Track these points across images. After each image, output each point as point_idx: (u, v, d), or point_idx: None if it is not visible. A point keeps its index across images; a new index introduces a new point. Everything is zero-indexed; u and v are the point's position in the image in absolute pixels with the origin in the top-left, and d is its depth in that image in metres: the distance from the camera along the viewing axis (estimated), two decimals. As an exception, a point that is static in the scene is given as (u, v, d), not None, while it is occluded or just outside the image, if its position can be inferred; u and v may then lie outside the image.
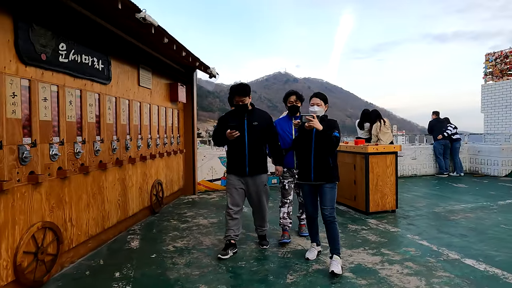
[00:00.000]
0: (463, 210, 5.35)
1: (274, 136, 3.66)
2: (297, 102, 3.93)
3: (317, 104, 3.25)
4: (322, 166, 3.14)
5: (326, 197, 3.16)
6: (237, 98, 3.43)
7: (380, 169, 5.15)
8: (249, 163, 3.48)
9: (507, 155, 8.77)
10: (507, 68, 9.26)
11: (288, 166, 3.92)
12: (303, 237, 4.10)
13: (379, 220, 4.82)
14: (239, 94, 3.42)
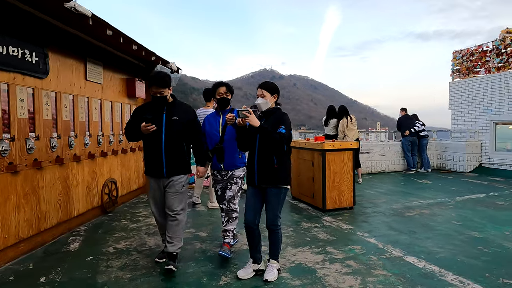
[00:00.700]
0: (420, 206, 5.37)
1: (196, 133, 3.20)
2: (227, 95, 3.43)
3: (261, 96, 2.83)
4: (266, 167, 2.78)
5: (269, 203, 2.84)
6: (154, 89, 2.96)
7: (337, 166, 5.10)
8: (167, 163, 3.03)
9: (472, 151, 8.91)
10: (473, 66, 9.39)
11: (216, 168, 3.43)
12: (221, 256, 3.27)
13: (335, 218, 4.77)
14: (157, 85, 2.95)
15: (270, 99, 2.85)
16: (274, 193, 2.82)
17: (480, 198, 5.94)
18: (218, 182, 3.49)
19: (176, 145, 3.06)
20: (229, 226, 3.47)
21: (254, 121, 2.62)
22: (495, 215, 4.81)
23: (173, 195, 3.09)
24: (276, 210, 2.85)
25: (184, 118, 3.10)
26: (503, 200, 5.78)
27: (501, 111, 8.59)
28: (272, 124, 2.72)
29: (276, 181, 2.79)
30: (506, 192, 6.41)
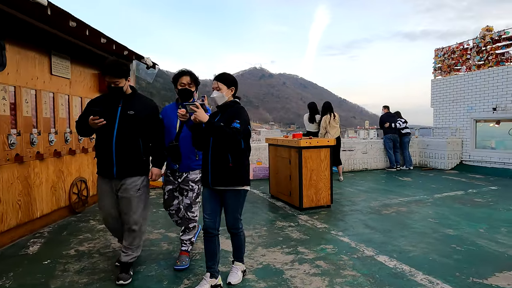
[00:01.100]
0: (398, 204, 5.31)
1: (155, 130, 2.87)
2: (191, 86, 3.03)
3: (216, 89, 2.57)
4: (220, 167, 2.50)
5: (228, 206, 2.61)
6: (108, 79, 2.64)
7: (314, 163, 5.00)
8: (118, 162, 2.69)
9: (452, 148, 8.95)
10: (454, 63, 9.43)
11: (171, 168, 3.09)
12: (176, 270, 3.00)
13: (311, 216, 4.67)
14: (111, 74, 2.62)
15: (227, 92, 2.60)
16: (232, 196, 2.58)
17: (458, 195, 5.92)
18: (168, 183, 3.13)
19: (130, 143, 2.72)
20: (185, 236, 3.20)
21: (202, 116, 2.34)
22: (471, 212, 4.77)
23: (126, 200, 2.74)
24: (236, 213, 2.64)
25: (142, 113, 2.77)
26: (480, 197, 5.77)
27: (481, 108, 8.64)
28: (227, 119, 2.48)
29: (232, 182, 2.52)
30: (484, 189, 6.42)
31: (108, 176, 2.74)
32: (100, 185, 2.81)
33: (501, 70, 8.08)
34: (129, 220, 2.77)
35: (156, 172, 2.91)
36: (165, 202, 3.20)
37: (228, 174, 2.50)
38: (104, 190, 2.79)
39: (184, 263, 3.04)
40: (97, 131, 2.73)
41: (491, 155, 8.32)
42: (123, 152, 2.71)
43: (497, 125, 8.53)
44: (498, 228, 4.07)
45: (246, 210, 5.00)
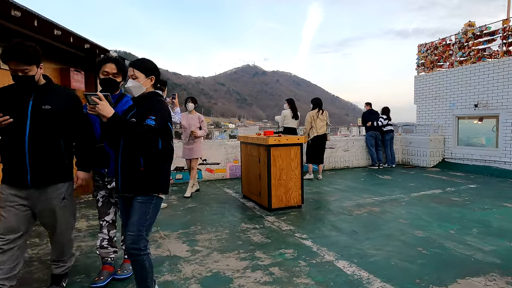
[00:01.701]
0: (372, 204, 5.13)
1: (77, 128, 2.45)
2: (117, 76, 2.61)
3: (132, 77, 2.16)
4: (130, 171, 2.11)
5: (132, 215, 2.11)
6: (13, 66, 2.14)
7: (283, 162, 4.79)
8: (32, 168, 2.23)
9: (434, 146, 8.82)
10: (437, 60, 9.28)
11: (99, 172, 2.71)
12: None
13: (278, 218, 4.47)
14: (15, 59, 2.11)
15: (145, 81, 2.18)
16: (139, 203, 2.11)
17: (436, 194, 5.77)
18: (100, 189, 2.73)
19: (47, 143, 2.28)
20: None
21: (104, 110, 1.94)
22: (445, 212, 4.61)
23: (49, 212, 2.33)
24: (139, 226, 2.08)
25: (60, 107, 2.32)
26: (458, 195, 5.62)
27: (462, 105, 8.51)
28: (142, 113, 2.09)
29: (141, 189, 2.11)
30: (462, 188, 6.28)
31: (20, 185, 2.25)
32: (7, 195, 2.25)
33: (482, 66, 7.95)
34: (56, 232, 2.41)
35: (83, 177, 2.50)
36: (100, 210, 2.78)
37: (138, 179, 2.10)
38: (11, 202, 2.24)
39: (126, 272, 2.80)
40: (2, 131, 2.23)
41: (473, 152, 8.20)
42: (39, 155, 2.25)
43: (479, 122, 8.41)
44: (469, 229, 3.91)
45: (213, 211, 4.80)
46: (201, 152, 5.84)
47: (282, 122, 7.10)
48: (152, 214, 2.15)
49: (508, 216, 4.42)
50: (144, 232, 2.10)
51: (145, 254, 2.09)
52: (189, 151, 5.71)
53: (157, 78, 2.26)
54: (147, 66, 2.20)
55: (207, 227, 4.11)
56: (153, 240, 3.67)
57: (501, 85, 7.54)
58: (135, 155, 2.10)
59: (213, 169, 7.46)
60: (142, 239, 2.08)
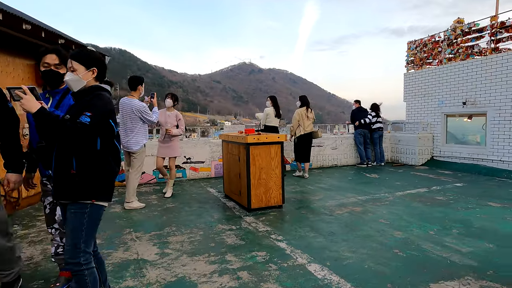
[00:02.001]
0: (355, 203, 5.03)
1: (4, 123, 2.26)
2: (60, 68, 2.39)
3: (70, 69, 1.93)
4: (62, 173, 1.89)
5: (67, 226, 1.91)
6: None
7: (263, 161, 4.68)
8: None
9: (423, 144, 8.75)
10: (426, 57, 9.20)
11: (44, 174, 2.51)
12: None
13: (257, 218, 4.36)
14: None
15: (85, 74, 1.94)
16: (71, 213, 1.89)
17: (420, 193, 5.68)
18: (46, 194, 2.56)
19: None
20: None
21: (28, 105, 1.73)
22: (427, 212, 4.52)
23: None
24: (75, 239, 1.86)
25: None
26: (442, 194, 5.54)
27: (451, 103, 8.44)
28: (79, 110, 1.86)
29: (74, 195, 1.87)
30: (448, 186, 6.21)
31: None
32: None
33: (470, 63, 7.87)
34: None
35: (15, 179, 2.28)
36: (47, 218, 2.60)
37: (70, 184, 1.87)
38: None
39: (58, 285, 2.56)
40: None
41: (461, 150, 8.14)
42: None
43: (469, 120, 8.34)
44: (449, 229, 3.82)
45: (191, 211, 4.68)
46: (178, 150, 5.69)
47: (264, 120, 6.94)
48: (89, 225, 1.90)
49: (490, 215, 4.35)
50: (82, 245, 1.87)
51: (86, 269, 1.88)
52: (165, 149, 5.54)
53: (101, 70, 2.02)
54: (88, 57, 1.97)
55: (182, 228, 3.99)
56: (123, 242, 3.54)
57: (489, 83, 7.47)
58: (68, 156, 1.87)
59: (198, 168, 7.33)
60: (80, 252, 1.86)
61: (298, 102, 7.26)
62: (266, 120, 6.95)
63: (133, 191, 4.95)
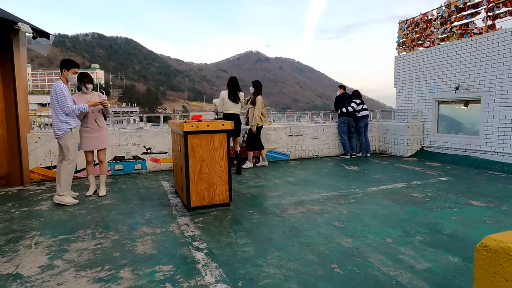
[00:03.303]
0: (316, 201, 4.39)
1: None
2: None
3: None
4: None
5: None
6: None
7: (205, 152, 4.04)
8: None
9: (412, 133, 8.01)
10: (418, 37, 8.37)
11: None
12: None
13: (193, 219, 3.74)
14: None
15: None
16: None
17: (396, 189, 5.01)
18: None
19: None
20: None
21: None
22: (394, 213, 3.86)
23: None
24: None
25: None
26: (421, 191, 4.86)
27: (443, 88, 7.65)
28: None
29: None
30: (431, 181, 5.51)
31: None
32: None
33: (464, 43, 7.06)
34: None
35: None
36: None
37: None
38: None
39: None
40: None
41: (452, 140, 7.40)
42: None
43: (464, 107, 7.57)
44: (412, 236, 3.17)
45: (125, 210, 4.10)
46: (108, 140, 4.93)
47: (221, 106, 6.12)
48: None
49: (468, 217, 3.67)
50: None
51: None
52: (92, 140, 4.67)
53: None
54: None
55: (98, 232, 3.39)
56: (13, 250, 2.96)
57: (484, 64, 6.67)
58: None
59: (160, 159, 6.73)
60: None
61: (252, 88, 6.50)
62: (223, 106, 6.11)
63: (65, 183, 4.37)
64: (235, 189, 5.08)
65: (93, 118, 4.66)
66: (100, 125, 4.74)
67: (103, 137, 4.78)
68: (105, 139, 4.83)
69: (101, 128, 4.76)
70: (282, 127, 7.78)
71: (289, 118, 9.90)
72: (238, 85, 6.09)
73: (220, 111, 6.06)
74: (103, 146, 4.80)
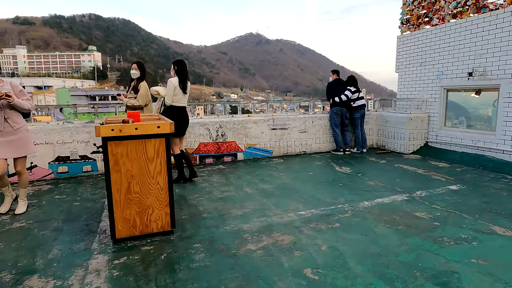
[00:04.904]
0: (289, 225, 3.34)
1: None
2: None
3: None
4: None
5: None
6: None
7: (134, 164, 2.96)
8: None
9: (415, 126, 6.90)
10: (425, 14, 7.15)
11: None
12: None
13: (114, 259, 2.71)
14: None
15: None
16: None
17: (396, 204, 3.96)
18: None
19: None
20: None
21: None
22: (391, 249, 2.82)
23: None
24: None
25: None
26: (426, 208, 3.81)
27: (453, 73, 6.49)
28: None
29: None
30: (439, 190, 4.45)
31: None
32: None
33: (481, 19, 5.86)
34: None
35: None
36: None
37: None
38: None
39: None
40: None
41: (463, 136, 6.30)
42: None
43: (476, 96, 6.45)
44: (417, 301, 2.12)
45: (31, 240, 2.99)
46: (30, 146, 3.77)
47: (171, 97, 4.69)
48: None
49: (493, 259, 2.62)
50: None
51: None
52: (6, 147, 3.55)
53: None
54: None
55: (-36, 286, 2.36)
56: None
57: (505, 45, 5.50)
58: None
59: (114, 159, 5.65)
60: None
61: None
62: (173, 97, 4.70)
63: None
64: (192, 203, 4.04)
65: (1, 117, 3.54)
66: (13, 126, 3.60)
67: (20, 141, 3.64)
68: (24, 144, 3.68)
69: (15, 131, 3.61)
70: (264, 119, 6.68)
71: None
72: (187, 70, 4.80)
73: (169, 103, 4.75)
74: (21, 153, 3.65)
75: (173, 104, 4.70)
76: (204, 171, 5.66)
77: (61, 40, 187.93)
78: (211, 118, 6.55)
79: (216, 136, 6.28)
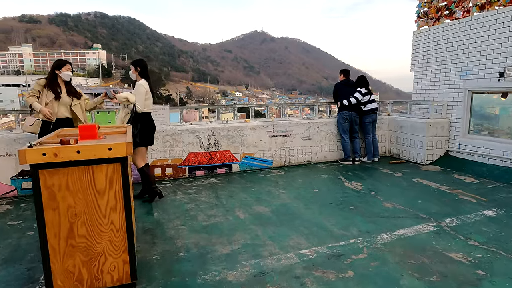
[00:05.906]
0: (287, 274, 2.57)
1: None
2: None
3: None
4: None
5: None
6: None
7: (79, 199, 2.21)
8: None
9: (435, 133, 6.09)
10: (445, 6, 6.31)
11: None
12: None
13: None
14: None
15: None
16: None
17: (422, 238, 3.17)
18: None
19: None
20: None
21: None
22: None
23: None
24: None
25: None
26: (462, 245, 3.02)
27: (480, 73, 5.66)
28: None
29: None
30: (472, 217, 3.65)
31: None
32: None
33: (516, 10, 5.03)
34: None
35: None
36: None
37: None
38: None
39: None
40: None
41: (491, 145, 5.47)
42: None
43: (503, 99, 5.62)
44: None
45: None
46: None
47: (142, 102, 3.91)
48: None
49: None
50: None
51: None
52: None
53: None
54: None
55: None
56: None
57: (547, 41, 4.66)
58: None
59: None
60: None
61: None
62: (144, 102, 3.96)
63: None
64: (170, 235, 3.29)
65: None
66: None
67: None
68: None
69: None
70: (263, 125, 5.90)
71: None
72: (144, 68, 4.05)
73: (141, 110, 3.95)
74: None
75: (145, 110, 3.94)
76: (192, 186, 4.91)
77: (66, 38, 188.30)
78: (202, 124, 5.78)
79: (208, 145, 5.52)
